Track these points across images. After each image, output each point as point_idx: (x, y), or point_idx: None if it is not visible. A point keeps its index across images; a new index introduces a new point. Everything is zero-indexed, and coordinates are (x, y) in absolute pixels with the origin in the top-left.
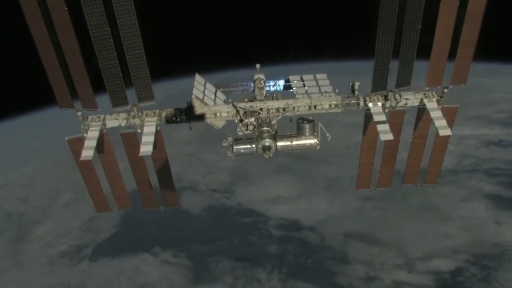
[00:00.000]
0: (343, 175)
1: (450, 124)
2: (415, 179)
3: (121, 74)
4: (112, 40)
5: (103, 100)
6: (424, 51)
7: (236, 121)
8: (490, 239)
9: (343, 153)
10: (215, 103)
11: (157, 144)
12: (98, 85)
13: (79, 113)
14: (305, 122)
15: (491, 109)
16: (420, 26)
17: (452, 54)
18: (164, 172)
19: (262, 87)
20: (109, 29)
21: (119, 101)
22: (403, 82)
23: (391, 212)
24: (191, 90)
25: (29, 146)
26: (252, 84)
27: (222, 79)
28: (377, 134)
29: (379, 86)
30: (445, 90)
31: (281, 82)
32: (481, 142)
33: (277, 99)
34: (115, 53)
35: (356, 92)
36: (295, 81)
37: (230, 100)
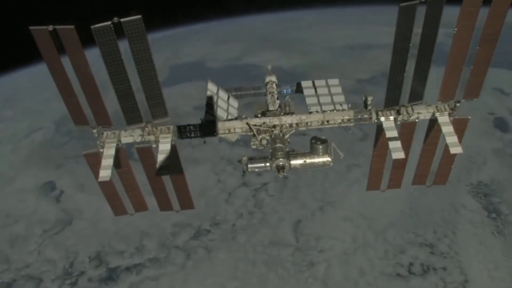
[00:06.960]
0: None
1: (460, 135)
2: (424, 181)
3: (134, 94)
4: (124, 65)
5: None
6: None
7: (250, 134)
8: None
9: None
10: (228, 114)
11: (172, 157)
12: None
13: (94, 131)
14: (319, 142)
15: None
16: (434, 47)
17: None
18: (179, 181)
19: (274, 92)
20: (121, 55)
21: (133, 120)
22: (416, 97)
23: None
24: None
25: None
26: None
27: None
28: (388, 145)
29: (392, 102)
30: (457, 104)
31: (293, 88)
32: None
33: (289, 109)
34: (128, 76)
35: (369, 107)
36: (307, 89)
37: (243, 115)
